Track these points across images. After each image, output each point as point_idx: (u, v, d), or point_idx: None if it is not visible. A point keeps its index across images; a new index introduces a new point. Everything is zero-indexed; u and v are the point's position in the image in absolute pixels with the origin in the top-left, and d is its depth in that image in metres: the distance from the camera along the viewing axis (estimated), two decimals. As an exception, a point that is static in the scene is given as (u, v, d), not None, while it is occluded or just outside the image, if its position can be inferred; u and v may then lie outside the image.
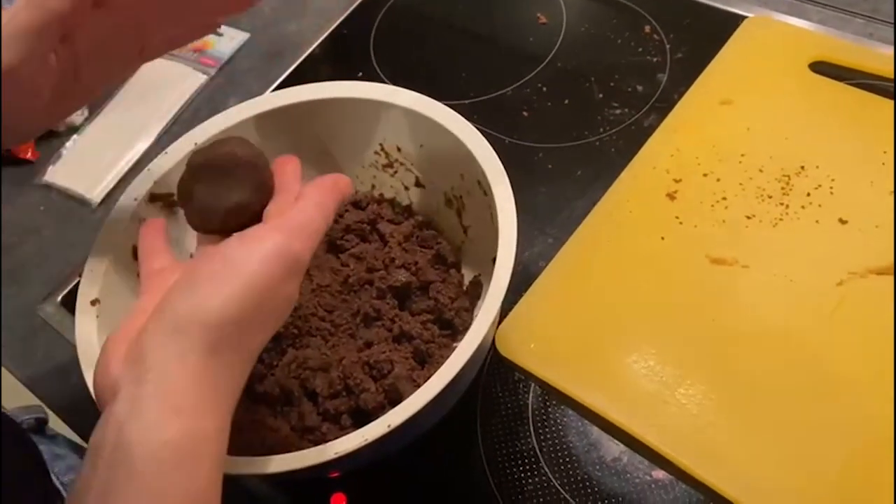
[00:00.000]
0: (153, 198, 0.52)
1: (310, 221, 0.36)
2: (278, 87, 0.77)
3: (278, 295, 0.34)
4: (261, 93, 0.68)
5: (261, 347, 0.35)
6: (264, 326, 0.34)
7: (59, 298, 0.66)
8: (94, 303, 0.47)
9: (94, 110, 0.79)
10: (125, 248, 0.50)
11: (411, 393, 0.41)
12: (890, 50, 0.66)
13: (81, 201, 0.73)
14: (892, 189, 0.57)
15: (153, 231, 0.42)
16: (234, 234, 0.35)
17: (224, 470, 0.40)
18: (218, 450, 0.32)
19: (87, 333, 0.46)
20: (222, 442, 0.32)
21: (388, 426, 0.39)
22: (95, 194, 0.72)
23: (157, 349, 0.31)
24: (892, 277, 0.53)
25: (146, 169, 0.53)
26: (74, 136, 0.77)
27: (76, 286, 0.50)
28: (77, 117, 0.78)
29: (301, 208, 0.36)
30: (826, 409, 0.49)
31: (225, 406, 0.33)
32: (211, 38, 0.83)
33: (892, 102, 0.62)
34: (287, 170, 0.40)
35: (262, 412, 0.50)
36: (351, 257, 0.55)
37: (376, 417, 0.47)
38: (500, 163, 0.49)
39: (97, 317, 0.47)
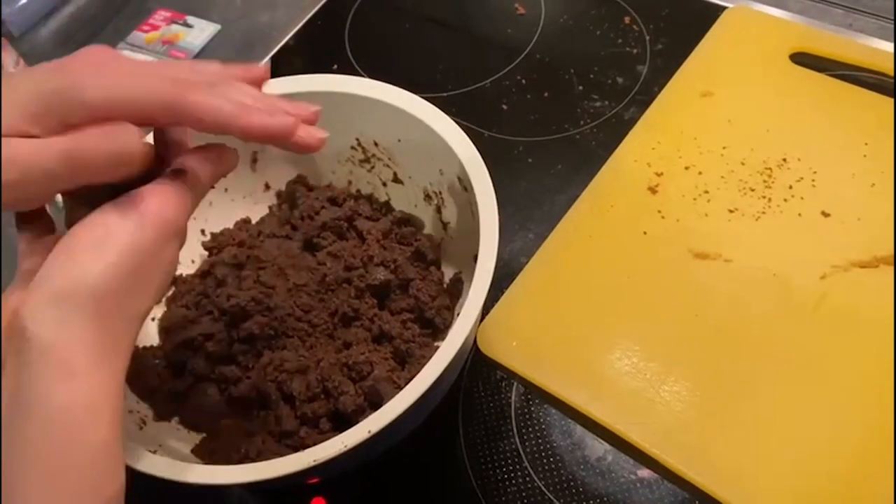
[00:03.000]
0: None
1: (186, 184, 0.35)
2: (251, 81, 0.75)
3: (157, 259, 0.34)
4: (233, 86, 0.66)
5: (146, 313, 0.34)
6: (146, 292, 0.34)
7: None
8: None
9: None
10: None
11: (392, 395, 0.40)
12: (869, 40, 0.65)
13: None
14: (873, 181, 0.57)
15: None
16: (109, 202, 0.34)
17: (198, 480, 0.39)
18: (110, 414, 0.32)
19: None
20: (117, 402, 0.32)
21: (369, 432, 0.38)
22: (60, 196, 0.70)
23: (38, 319, 0.30)
24: (874, 271, 0.53)
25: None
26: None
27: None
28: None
29: (179, 173, 0.36)
30: (811, 405, 0.48)
31: (117, 369, 0.32)
32: (181, 29, 0.81)
33: (872, 93, 0.62)
34: (174, 136, 0.39)
35: (237, 416, 0.48)
36: (328, 256, 0.53)
37: (356, 420, 0.46)
38: (480, 157, 0.48)
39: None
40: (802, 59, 0.65)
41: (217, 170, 0.38)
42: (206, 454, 0.47)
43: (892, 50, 0.64)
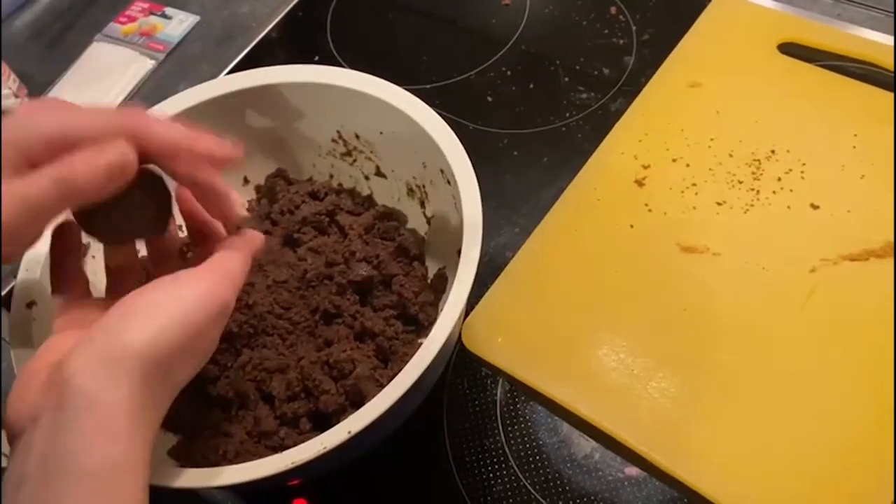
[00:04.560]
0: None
1: (235, 269, 0.38)
2: (231, 72, 0.74)
3: (205, 336, 0.35)
4: (212, 78, 0.64)
5: (182, 385, 0.36)
6: (190, 365, 0.35)
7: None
8: (29, 305, 0.44)
9: (36, 97, 0.75)
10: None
11: (374, 393, 0.39)
12: (858, 30, 0.65)
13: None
14: (863, 173, 0.56)
15: (65, 246, 0.39)
16: (168, 275, 0.35)
17: (174, 483, 0.38)
18: (144, 476, 0.32)
19: (23, 338, 0.43)
20: (147, 467, 0.32)
21: (349, 432, 0.37)
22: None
23: (86, 375, 0.31)
24: (864, 264, 0.52)
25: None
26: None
27: (11, 288, 0.46)
28: (16, 105, 0.74)
29: (228, 256, 0.38)
30: (800, 401, 0.48)
31: (150, 436, 0.33)
32: (159, 20, 0.80)
33: (861, 84, 0.61)
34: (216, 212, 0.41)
35: (216, 417, 0.47)
36: (308, 251, 0.52)
37: (337, 420, 0.45)
38: (463, 150, 0.47)
39: (34, 319, 0.44)
40: (791, 50, 0.64)
41: (254, 254, 0.40)
42: (182, 456, 0.45)
43: (879, 40, 0.63)
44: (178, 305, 0.34)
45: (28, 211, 0.32)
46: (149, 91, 0.75)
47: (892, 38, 0.63)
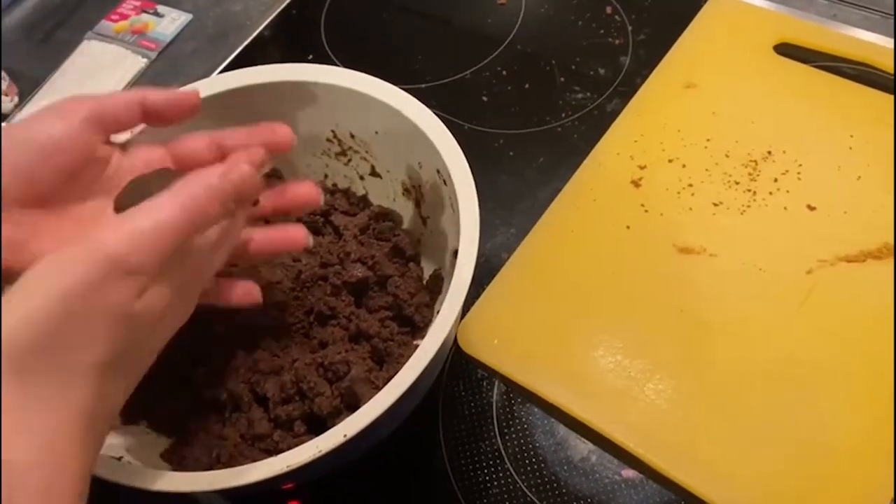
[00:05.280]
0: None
1: (155, 221, 0.31)
2: (224, 71, 0.73)
3: (97, 305, 0.29)
4: (205, 77, 0.64)
5: (94, 365, 0.30)
6: (89, 342, 0.30)
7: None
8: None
9: (25, 97, 0.74)
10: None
11: (369, 396, 0.39)
12: (854, 31, 0.65)
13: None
14: (860, 174, 0.56)
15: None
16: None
17: (166, 487, 0.37)
18: (40, 481, 0.28)
19: None
20: (48, 471, 0.28)
21: (344, 436, 0.37)
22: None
23: None
24: (861, 265, 0.52)
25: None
26: (3, 125, 0.72)
27: None
28: (7, 104, 0.73)
29: (151, 206, 0.31)
30: (797, 402, 0.48)
31: (44, 432, 0.29)
32: (151, 18, 0.79)
33: (857, 85, 0.61)
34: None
35: (208, 420, 0.46)
36: (303, 252, 0.51)
37: (332, 423, 0.44)
38: (460, 150, 0.46)
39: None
40: (787, 50, 0.64)
41: (222, 187, 0.33)
42: (175, 459, 0.45)
43: (875, 40, 0.63)
44: (46, 278, 0.29)
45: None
46: (141, 90, 0.74)
47: (886, 38, 0.63)
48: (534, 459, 0.49)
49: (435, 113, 0.48)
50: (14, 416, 0.28)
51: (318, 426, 0.45)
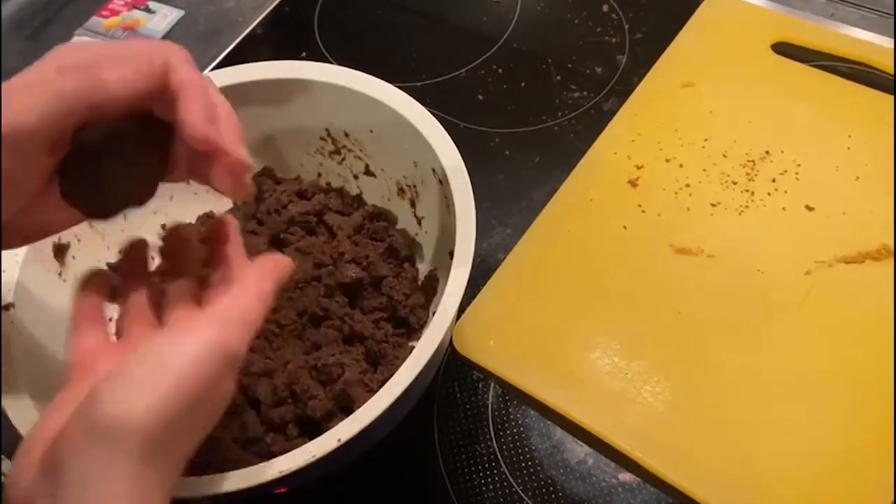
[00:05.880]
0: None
1: (248, 312, 0.32)
2: (216, 69, 0.72)
3: (214, 394, 0.30)
4: (196, 74, 0.63)
5: (194, 449, 0.31)
6: (198, 428, 0.31)
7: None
8: (7, 307, 0.43)
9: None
10: (42, 247, 0.46)
11: (363, 399, 0.38)
12: (851, 30, 0.64)
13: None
14: (858, 174, 0.56)
15: (93, 293, 0.36)
16: (167, 329, 0.32)
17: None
18: None
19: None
20: None
21: (339, 441, 0.36)
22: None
23: (77, 459, 0.27)
24: (860, 266, 0.51)
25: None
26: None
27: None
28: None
29: (239, 296, 0.32)
30: (796, 404, 0.47)
31: None
32: (142, 14, 0.78)
33: (855, 84, 0.61)
34: (227, 238, 0.37)
35: (200, 423, 0.46)
36: (296, 252, 0.51)
37: (326, 426, 0.44)
38: (456, 149, 0.46)
39: (11, 322, 0.43)
40: (784, 50, 0.64)
41: (280, 284, 0.35)
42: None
43: (872, 40, 0.63)
44: (175, 366, 0.29)
45: (59, 104, 0.29)
46: (132, 87, 0.73)
47: (884, 38, 0.63)
48: (530, 462, 0.48)
49: (430, 112, 0.47)
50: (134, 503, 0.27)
51: (311, 429, 0.44)
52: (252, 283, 0.33)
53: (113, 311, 0.37)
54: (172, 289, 0.36)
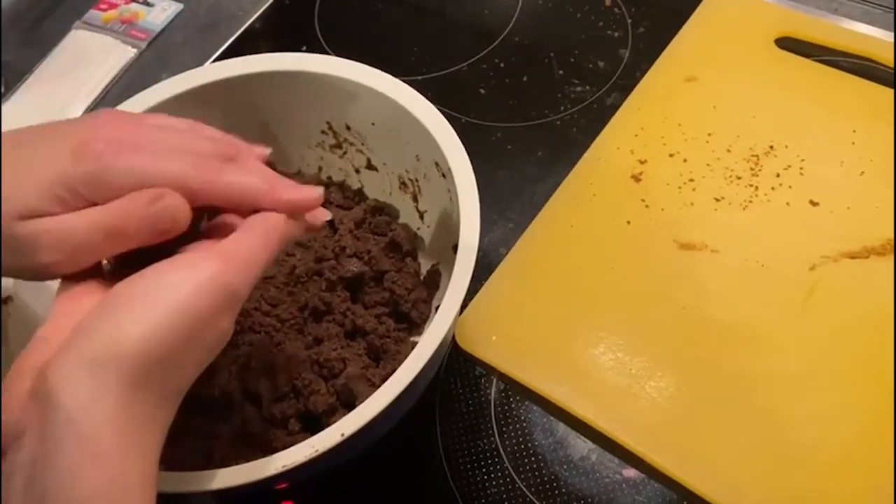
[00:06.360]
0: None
1: (252, 253, 0.32)
2: (215, 62, 0.72)
3: (211, 329, 0.30)
4: (195, 68, 0.62)
5: (189, 385, 0.31)
6: (194, 363, 0.30)
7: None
8: (6, 301, 0.42)
9: (11, 87, 0.72)
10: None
11: (366, 393, 0.38)
12: (855, 25, 0.64)
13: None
14: (862, 169, 0.55)
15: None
16: (166, 259, 0.31)
17: (158, 488, 0.36)
18: (148, 493, 0.28)
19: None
20: (149, 488, 0.29)
21: (342, 435, 0.36)
22: None
23: (69, 386, 0.27)
24: (865, 261, 0.51)
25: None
26: None
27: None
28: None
29: (244, 238, 0.32)
30: (801, 399, 0.47)
31: (150, 450, 0.29)
32: (140, 8, 0.77)
33: (859, 79, 0.60)
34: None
35: (201, 418, 0.45)
36: (297, 246, 0.50)
37: (327, 421, 0.43)
38: (459, 142, 0.45)
39: (9, 316, 0.42)
40: (788, 44, 0.63)
41: (287, 240, 0.35)
42: (166, 460, 0.43)
43: (876, 35, 0.63)
44: (173, 294, 0.29)
45: (62, 251, 0.30)
46: (130, 80, 0.73)
47: (887, 32, 0.63)
48: (533, 458, 0.48)
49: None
50: (122, 436, 0.27)
51: (313, 424, 0.44)
52: (259, 229, 0.33)
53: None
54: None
